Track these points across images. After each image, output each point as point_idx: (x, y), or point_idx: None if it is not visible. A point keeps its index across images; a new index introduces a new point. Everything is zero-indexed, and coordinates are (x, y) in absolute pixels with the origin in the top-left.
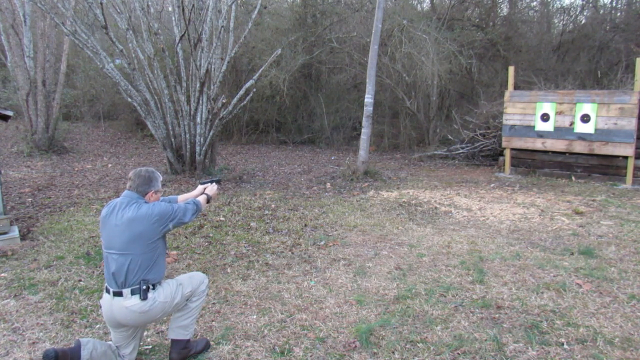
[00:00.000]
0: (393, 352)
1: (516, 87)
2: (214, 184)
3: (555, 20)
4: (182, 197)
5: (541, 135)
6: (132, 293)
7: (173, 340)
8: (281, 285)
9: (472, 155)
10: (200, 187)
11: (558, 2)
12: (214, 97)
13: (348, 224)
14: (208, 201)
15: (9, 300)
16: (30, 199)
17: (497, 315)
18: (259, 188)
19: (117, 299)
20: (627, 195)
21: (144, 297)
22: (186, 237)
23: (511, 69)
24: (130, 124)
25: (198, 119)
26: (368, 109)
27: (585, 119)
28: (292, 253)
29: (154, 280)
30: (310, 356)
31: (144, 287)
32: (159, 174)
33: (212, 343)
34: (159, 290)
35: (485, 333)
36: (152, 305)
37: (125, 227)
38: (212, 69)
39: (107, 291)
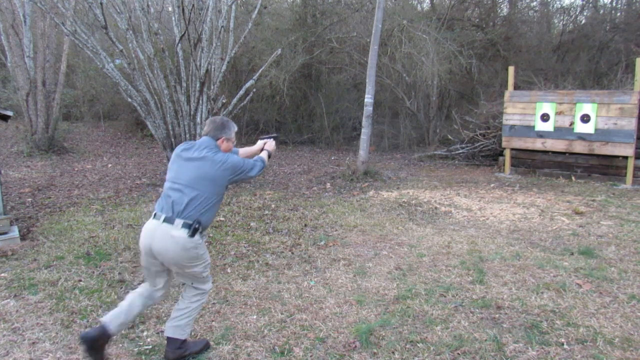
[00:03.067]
0: (393, 352)
1: (516, 87)
2: (273, 140)
3: (555, 20)
4: (242, 151)
5: (541, 135)
6: (183, 226)
7: (169, 339)
8: (281, 285)
9: (472, 155)
10: (260, 143)
11: (558, 2)
12: (214, 97)
13: (348, 224)
14: (269, 157)
15: (9, 300)
16: (30, 199)
17: (497, 315)
18: (259, 188)
19: (167, 225)
20: (627, 195)
21: (192, 235)
22: None
23: (511, 69)
24: (130, 124)
25: (198, 119)
26: (368, 109)
27: (585, 119)
28: (292, 253)
29: (204, 223)
30: (310, 356)
31: (196, 225)
32: (233, 123)
33: (212, 343)
34: (202, 244)
35: (485, 333)
36: (192, 247)
37: (199, 165)
38: (212, 69)
39: (156, 217)
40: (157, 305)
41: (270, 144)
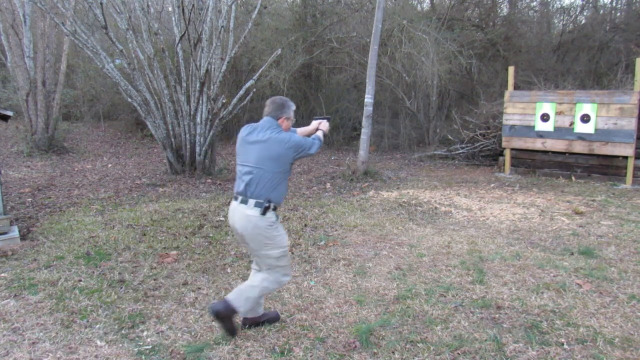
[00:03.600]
0: (393, 352)
1: (516, 87)
2: (326, 121)
3: (555, 21)
4: (299, 130)
5: (541, 135)
6: (256, 205)
7: (226, 299)
8: None
9: (472, 155)
10: (315, 123)
11: (558, 2)
12: (214, 97)
13: (348, 224)
14: (323, 136)
15: (9, 300)
16: (30, 199)
17: (497, 315)
18: None
19: (242, 205)
20: (627, 195)
21: (263, 213)
22: (186, 237)
23: (511, 69)
24: (130, 124)
25: (198, 119)
26: (368, 109)
27: (585, 119)
28: (292, 253)
29: (275, 200)
30: (310, 356)
31: (267, 204)
32: (292, 102)
33: (212, 343)
34: (277, 225)
35: (485, 333)
36: (265, 225)
37: (265, 146)
38: (212, 69)
39: (236, 199)
40: (157, 305)
41: (325, 124)
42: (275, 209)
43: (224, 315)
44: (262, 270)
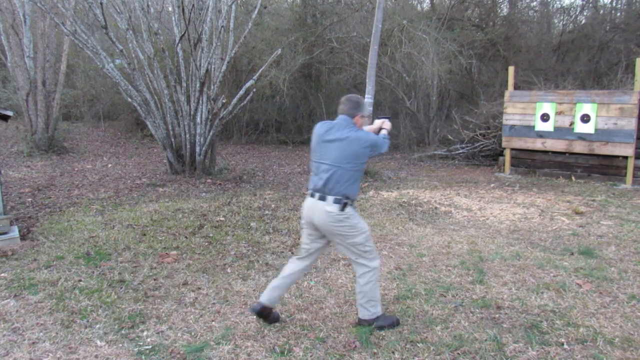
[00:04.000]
0: (393, 352)
1: (516, 87)
2: (388, 120)
3: (555, 20)
4: (365, 129)
5: (541, 135)
6: (334, 202)
7: (360, 318)
8: None
9: (472, 155)
10: (378, 122)
11: (558, 2)
12: (214, 97)
13: None
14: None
15: (9, 300)
16: (30, 199)
17: (497, 315)
18: (259, 188)
19: (321, 202)
20: (627, 195)
21: (342, 209)
22: (186, 237)
23: (511, 69)
24: (130, 124)
25: (198, 119)
26: (368, 109)
27: (585, 119)
28: (292, 253)
29: (352, 196)
30: (310, 356)
31: (344, 201)
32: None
33: (212, 343)
34: (355, 214)
35: (485, 333)
36: (345, 218)
37: (343, 144)
38: (212, 69)
39: (312, 195)
40: (157, 305)
41: (388, 124)
42: (352, 204)
43: (382, 327)
44: (354, 267)
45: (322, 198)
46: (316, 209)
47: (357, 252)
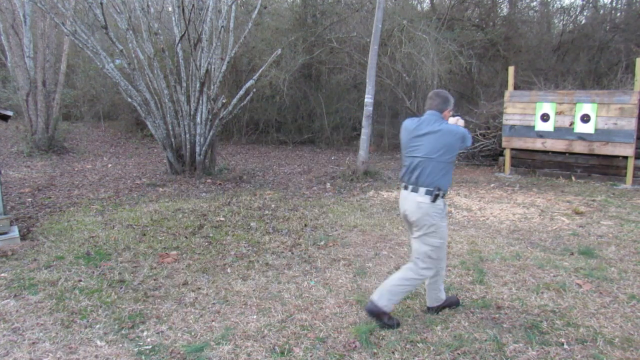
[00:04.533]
0: (393, 352)
1: (516, 87)
2: (461, 118)
3: (555, 20)
4: None
5: (541, 135)
6: (426, 193)
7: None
8: (281, 286)
9: (472, 155)
10: (452, 119)
11: (558, 2)
12: (214, 97)
13: (348, 224)
14: None
15: (9, 300)
16: (30, 199)
17: (497, 315)
18: (259, 188)
19: (413, 194)
20: (627, 195)
21: (433, 200)
22: (186, 237)
23: (511, 69)
24: (130, 124)
25: (198, 119)
26: (368, 109)
27: (585, 119)
28: (292, 253)
29: (444, 188)
30: (310, 356)
31: (436, 192)
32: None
33: (212, 343)
34: (444, 216)
35: (485, 333)
36: (434, 212)
37: (437, 137)
38: (212, 69)
39: (405, 188)
40: (157, 305)
41: (462, 121)
42: (443, 196)
43: (383, 324)
44: (409, 262)
45: (415, 190)
46: (408, 201)
47: (424, 252)
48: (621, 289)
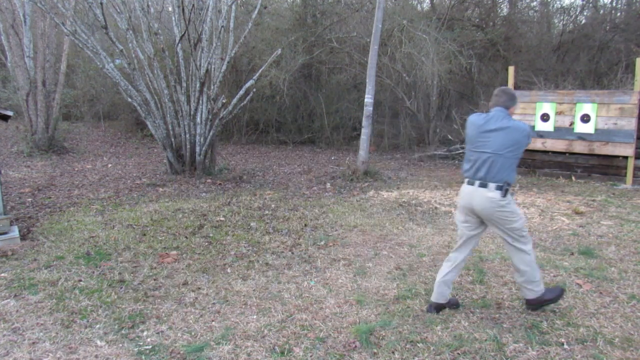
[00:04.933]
0: (393, 352)
1: (516, 87)
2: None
3: (555, 20)
4: None
5: (541, 135)
6: (496, 188)
7: (528, 300)
8: (281, 285)
9: None
10: None
11: (558, 2)
12: (214, 97)
13: (348, 224)
14: None
15: (9, 300)
16: (30, 199)
17: (497, 315)
18: (259, 188)
19: (482, 189)
20: (627, 195)
21: (504, 195)
22: (186, 237)
23: (511, 69)
24: (130, 124)
25: (198, 119)
26: (368, 109)
27: (585, 119)
28: (292, 253)
29: (511, 181)
30: (310, 356)
31: (506, 187)
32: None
33: (212, 343)
34: (513, 201)
35: (485, 333)
36: (506, 204)
37: (506, 133)
38: (212, 69)
39: (471, 183)
40: (157, 305)
41: None
42: (509, 189)
43: (549, 301)
44: (510, 251)
45: (484, 185)
46: (477, 196)
47: (515, 236)
48: (621, 289)
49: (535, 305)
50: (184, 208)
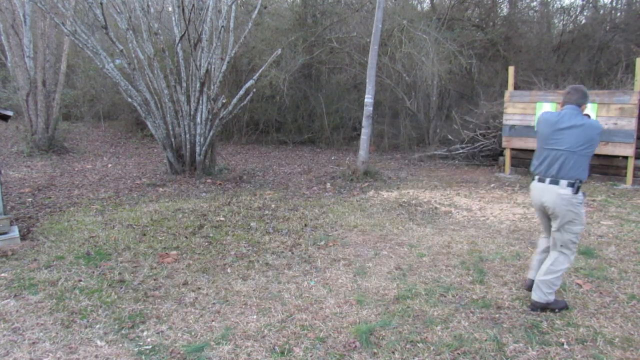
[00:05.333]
0: (393, 352)
1: (516, 87)
2: None
3: (555, 21)
4: None
5: None
6: (568, 185)
7: (533, 301)
8: (281, 285)
9: (472, 155)
10: None
11: (558, 2)
12: (214, 97)
13: (348, 224)
14: None
15: (9, 300)
16: (30, 199)
17: (497, 315)
18: (259, 188)
19: (553, 186)
20: (627, 195)
21: (576, 192)
22: (186, 237)
23: (511, 69)
24: (130, 124)
25: (198, 119)
26: (368, 109)
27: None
28: (292, 253)
29: (583, 179)
30: (310, 356)
31: (578, 185)
32: None
33: (212, 343)
34: (582, 202)
35: (485, 333)
36: (577, 203)
37: (581, 131)
38: (212, 69)
39: (542, 180)
40: (157, 305)
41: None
42: (581, 187)
43: (553, 309)
44: (552, 252)
45: (555, 182)
46: (547, 192)
47: (567, 240)
48: (621, 289)
49: (539, 308)
50: (184, 208)
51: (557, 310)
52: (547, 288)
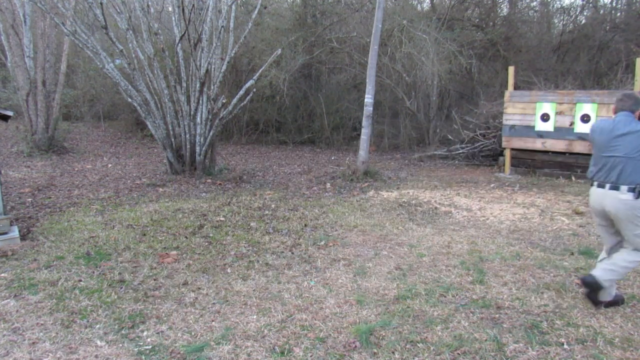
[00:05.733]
0: (393, 352)
1: (516, 87)
2: None
3: (555, 20)
4: None
5: (541, 135)
6: (629, 190)
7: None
8: (281, 286)
9: (472, 155)
10: None
11: (558, 2)
12: (214, 97)
13: (348, 224)
14: None
15: (9, 300)
16: (30, 199)
17: (497, 315)
18: (259, 188)
19: (613, 192)
20: None
21: (637, 197)
22: (186, 237)
23: (511, 69)
24: (130, 124)
25: (198, 119)
26: (368, 109)
27: (586, 119)
28: (292, 253)
29: None
30: (310, 356)
31: (639, 189)
32: None
33: (212, 343)
34: None
35: (485, 333)
36: (638, 205)
37: (636, 138)
38: (212, 69)
39: (602, 186)
40: (157, 305)
41: None
42: None
43: (591, 289)
44: (623, 252)
45: (615, 188)
46: (608, 198)
47: (638, 242)
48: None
49: (591, 286)
50: (184, 208)
51: (599, 300)
52: (612, 274)
